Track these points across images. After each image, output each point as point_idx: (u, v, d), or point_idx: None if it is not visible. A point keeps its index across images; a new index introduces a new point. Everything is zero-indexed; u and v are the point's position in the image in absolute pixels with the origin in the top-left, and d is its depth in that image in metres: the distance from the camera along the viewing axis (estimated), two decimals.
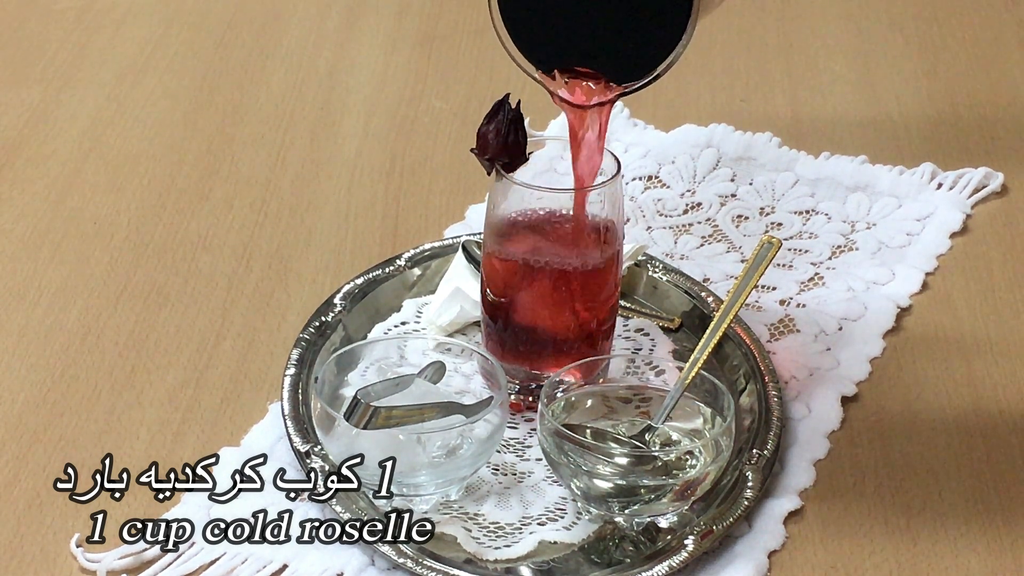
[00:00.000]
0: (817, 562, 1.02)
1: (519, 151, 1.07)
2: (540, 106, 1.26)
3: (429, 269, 1.23)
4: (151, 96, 1.50)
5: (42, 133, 1.44)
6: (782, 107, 1.50)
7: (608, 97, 1.06)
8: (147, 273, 1.26)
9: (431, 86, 1.52)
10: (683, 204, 1.35)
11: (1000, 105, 1.50)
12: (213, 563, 1.00)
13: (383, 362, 1.11)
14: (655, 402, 1.08)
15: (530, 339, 1.10)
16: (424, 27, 1.62)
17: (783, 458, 1.09)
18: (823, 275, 1.27)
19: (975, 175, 1.38)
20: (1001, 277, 1.28)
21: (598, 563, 1.01)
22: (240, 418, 1.11)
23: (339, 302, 1.19)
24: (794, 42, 1.61)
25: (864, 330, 1.20)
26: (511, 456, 1.09)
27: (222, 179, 1.38)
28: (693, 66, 1.49)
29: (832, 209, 1.35)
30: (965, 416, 1.14)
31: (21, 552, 1.01)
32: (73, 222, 1.32)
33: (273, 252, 1.29)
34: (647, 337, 1.19)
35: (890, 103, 1.51)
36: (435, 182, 1.38)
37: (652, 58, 1.04)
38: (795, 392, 1.14)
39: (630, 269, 1.22)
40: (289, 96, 1.50)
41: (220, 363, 1.17)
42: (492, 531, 1.03)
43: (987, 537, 1.04)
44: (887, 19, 1.64)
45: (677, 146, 1.41)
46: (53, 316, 1.21)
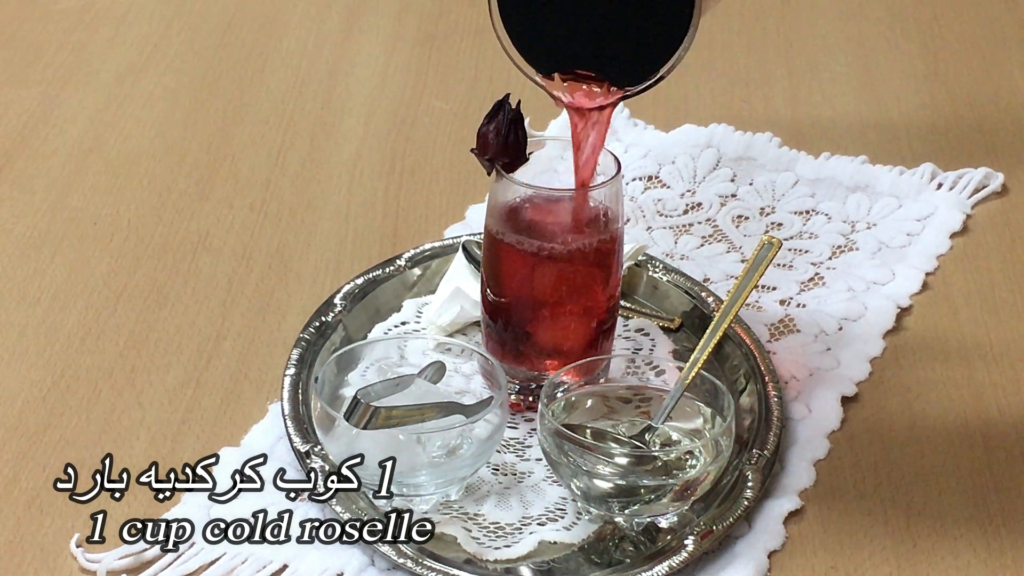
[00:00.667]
0: (817, 562, 1.02)
1: (519, 151, 1.07)
2: (540, 106, 1.26)
3: (429, 269, 1.23)
4: (151, 96, 1.50)
5: (42, 133, 1.44)
6: (782, 107, 1.50)
7: (609, 100, 1.06)
8: (147, 273, 1.26)
9: (431, 86, 1.52)
10: (683, 204, 1.35)
11: (1000, 105, 1.50)
12: (213, 563, 1.00)
13: (383, 362, 1.11)
14: (655, 402, 1.08)
15: (530, 339, 1.10)
16: (424, 27, 1.62)
17: (783, 458, 1.09)
18: (823, 275, 1.27)
19: (975, 175, 1.38)
20: (1001, 277, 1.28)
21: (598, 563, 1.01)
22: (240, 418, 1.11)
23: (339, 302, 1.19)
24: (794, 42, 1.61)
25: (864, 330, 1.20)
26: (511, 456, 1.09)
27: (222, 179, 1.38)
28: (693, 66, 1.48)
29: (832, 209, 1.35)
30: (965, 416, 1.14)
31: (21, 552, 1.01)
32: (73, 222, 1.32)
33: (273, 252, 1.29)
34: (647, 337, 1.19)
35: (890, 103, 1.51)
36: (435, 182, 1.38)
37: (654, 61, 1.04)
38: (795, 392, 1.14)
39: (630, 269, 1.22)
40: (289, 96, 1.50)
41: (220, 363, 1.17)
42: (492, 531, 1.03)
43: (987, 537, 1.04)
44: (887, 19, 1.64)
45: (677, 146, 1.41)
46: (53, 316, 1.21)
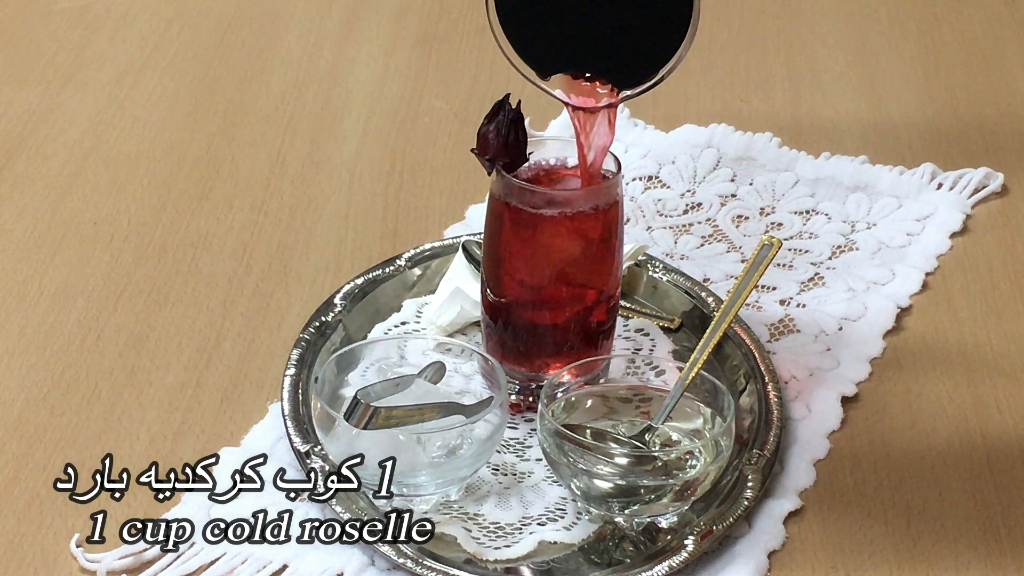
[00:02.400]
0: (817, 562, 1.02)
1: (519, 151, 1.07)
2: (540, 106, 1.26)
3: (429, 269, 1.23)
4: (151, 96, 1.50)
5: (42, 133, 1.44)
6: (782, 107, 1.50)
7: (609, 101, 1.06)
8: (147, 273, 1.26)
9: (431, 86, 1.52)
10: (683, 204, 1.35)
11: (1000, 105, 1.50)
12: (213, 563, 1.00)
13: (383, 362, 1.11)
14: (655, 402, 1.08)
15: (530, 339, 1.10)
16: (424, 27, 1.62)
17: (783, 458, 1.09)
18: (823, 275, 1.27)
19: (975, 175, 1.38)
20: (1001, 277, 1.28)
21: (598, 563, 1.01)
22: (240, 418, 1.11)
23: (339, 302, 1.19)
24: (794, 42, 1.61)
25: (864, 330, 1.20)
26: (511, 456, 1.09)
27: (222, 179, 1.38)
28: (693, 66, 1.49)
29: (832, 209, 1.35)
30: (965, 416, 1.14)
31: (21, 552, 1.01)
32: (73, 222, 1.32)
33: (273, 252, 1.29)
34: (647, 337, 1.19)
35: (890, 103, 1.51)
36: (435, 182, 1.38)
37: (654, 62, 1.04)
38: (795, 392, 1.14)
39: (630, 269, 1.22)
40: (289, 96, 1.50)
41: (220, 363, 1.17)
42: (492, 531, 1.03)
43: (987, 537, 1.04)
44: (887, 19, 1.64)
45: (677, 146, 1.41)
46: (53, 316, 1.21)
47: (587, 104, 1.06)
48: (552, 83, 1.06)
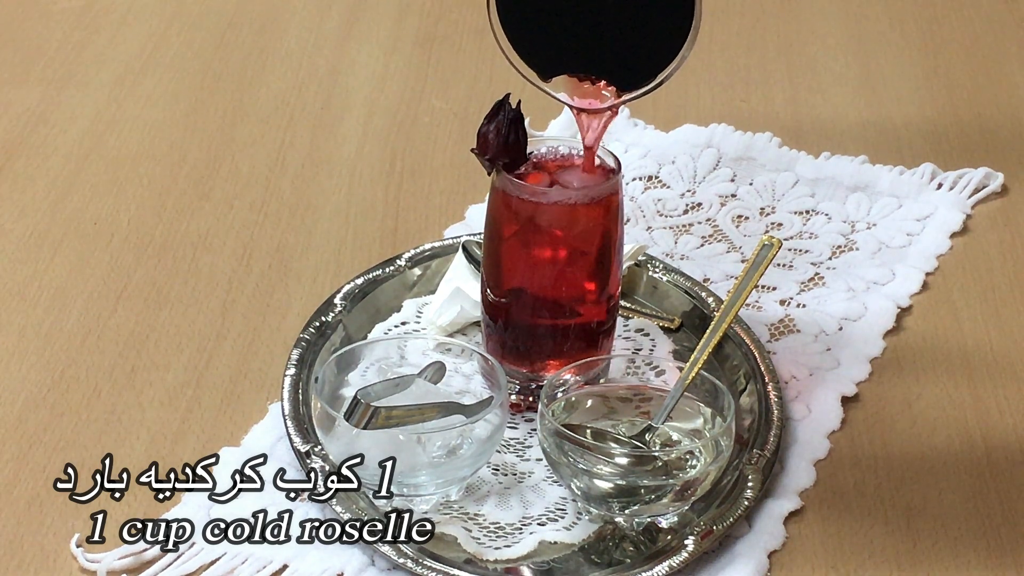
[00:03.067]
0: (817, 562, 1.02)
1: (519, 151, 1.07)
2: (540, 106, 1.26)
3: (429, 269, 1.23)
4: (151, 96, 1.50)
5: (42, 133, 1.44)
6: (782, 107, 1.50)
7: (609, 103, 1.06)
8: (147, 273, 1.26)
9: (431, 86, 1.52)
10: (683, 204, 1.35)
11: (1000, 105, 1.50)
12: (213, 563, 1.00)
13: (383, 362, 1.11)
14: (655, 402, 1.08)
15: (530, 339, 1.10)
16: (424, 27, 1.62)
17: (783, 458, 1.09)
18: (823, 275, 1.27)
19: (975, 175, 1.38)
20: (1001, 277, 1.28)
21: (598, 563, 1.01)
22: (240, 418, 1.11)
23: (339, 302, 1.19)
24: (794, 42, 1.61)
25: (864, 330, 1.20)
26: (511, 456, 1.09)
27: (222, 179, 1.38)
28: (693, 66, 1.48)
29: (832, 209, 1.35)
30: (965, 416, 1.14)
31: (21, 552, 1.01)
32: (73, 222, 1.32)
33: (273, 252, 1.29)
34: (647, 337, 1.19)
35: (890, 103, 1.51)
36: (435, 182, 1.38)
37: (655, 64, 1.04)
38: (795, 392, 1.14)
39: (630, 269, 1.22)
40: (289, 96, 1.50)
41: (220, 363, 1.17)
42: (492, 531, 1.03)
43: (987, 537, 1.04)
44: (887, 19, 1.64)
45: (677, 146, 1.41)
46: (53, 316, 1.21)
47: (589, 105, 1.06)
48: (553, 85, 1.06)
